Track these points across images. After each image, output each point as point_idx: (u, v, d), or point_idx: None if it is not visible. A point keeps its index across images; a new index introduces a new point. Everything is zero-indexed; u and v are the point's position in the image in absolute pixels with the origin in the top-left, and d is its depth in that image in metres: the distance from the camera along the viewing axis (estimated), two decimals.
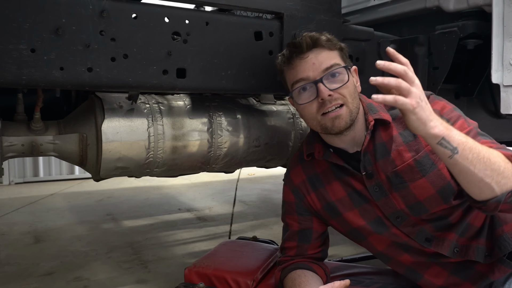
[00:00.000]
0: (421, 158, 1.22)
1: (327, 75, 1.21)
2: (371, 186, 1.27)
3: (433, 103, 1.24)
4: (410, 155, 1.23)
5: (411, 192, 1.24)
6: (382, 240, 1.31)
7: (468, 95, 1.99)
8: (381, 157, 1.26)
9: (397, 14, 2.08)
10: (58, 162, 5.73)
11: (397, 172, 1.24)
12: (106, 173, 1.47)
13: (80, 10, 1.18)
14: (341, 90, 1.21)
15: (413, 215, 1.25)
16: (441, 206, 1.23)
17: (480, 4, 1.72)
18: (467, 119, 1.23)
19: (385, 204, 1.27)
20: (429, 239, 1.26)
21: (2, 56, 1.10)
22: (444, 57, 1.70)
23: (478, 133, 1.20)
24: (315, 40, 1.23)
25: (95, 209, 3.99)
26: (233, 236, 3.07)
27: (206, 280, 1.52)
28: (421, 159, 1.22)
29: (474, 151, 1.01)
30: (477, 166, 1.01)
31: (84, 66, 1.20)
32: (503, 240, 1.23)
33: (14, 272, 2.44)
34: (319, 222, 1.41)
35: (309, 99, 1.23)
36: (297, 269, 1.36)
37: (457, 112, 1.24)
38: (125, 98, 1.46)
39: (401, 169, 1.23)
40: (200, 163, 1.62)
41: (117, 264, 2.56)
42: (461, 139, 1.01)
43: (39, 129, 1.41)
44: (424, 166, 1.22)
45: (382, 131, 1.28)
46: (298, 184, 1.41)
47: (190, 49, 1.34)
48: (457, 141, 1.00)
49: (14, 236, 3.15)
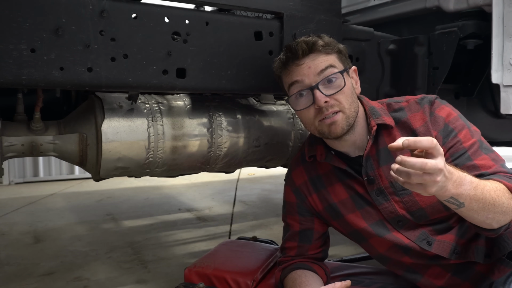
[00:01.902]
0: None
1: (323, 80, 1.20)
2: (372, 191, 1.27)
3: (439, 109, 1.24)
4: None
5: (413, 199, 1.24)
6: (383, 243, 1.31)
7: (468, 95, 1.99)
8: (385, 162, 1.25)
9: (397, 14, 2.09)
10: (58, 162, 5.73)
11: None
12: (106, 173, 1.47)
13: (80, 10, 1.18)
14: (337, 96, 1.20)
15: (414, 220, 1.26)
16: (442, 213, 1.24)
17: (480, 4, 1.72)
18: (471, 128, 1.24)
19: (386, 208, 1.27)
20: (430, 242, 1.26)
21: (2, 56, 1.10)
22: (444, 57, 1.70)
23: (480, 146, 1.20)
24: (311, 46, 1.22)
25: (95, 209, 3.99)
26: (233, 236, 3.07)
27: (206, 280, 1.52)
28: None
29: (480, 202, 1.02)
30: (481, 213, 1.04)
31: (84, 66, 1.20)
32: (502, 240, 1.23)
33: (14, 272, 2.44)
34: (320, 222, 1.41)
35: (306, 105, 1.23)
36: (298, 269, 1.36)
37: (462, 121, 1.24)
38: (125, 98, 1.46)
39: None
40: (200, 163, 1.61)
41: (117, 264, 2.56)
42: (469, 193, 1.00)
43: (39, 129, 1.41)
44: None
45: (386, 136, 1.27)
46: (300, 184, 1.40)
47: (190, 49, 1.34)
48: (465, 197, 1.00)
49: (14, 236, 3.15)
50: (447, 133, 1.22)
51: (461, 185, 0.98)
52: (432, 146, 0.91)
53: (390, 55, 1.82)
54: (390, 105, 1.31)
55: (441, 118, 1.23)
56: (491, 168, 1.16)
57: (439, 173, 0.90)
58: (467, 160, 1.18)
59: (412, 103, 1.28)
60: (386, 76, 1.83)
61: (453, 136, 1.21)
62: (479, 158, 1.18)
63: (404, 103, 1.30)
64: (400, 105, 1.30)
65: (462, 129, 1.21)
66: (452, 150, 1.20)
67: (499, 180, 1.10)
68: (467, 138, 1.20)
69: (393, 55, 1.82)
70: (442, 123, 1.23)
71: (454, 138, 1.21)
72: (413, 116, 1.26)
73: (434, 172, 0.90)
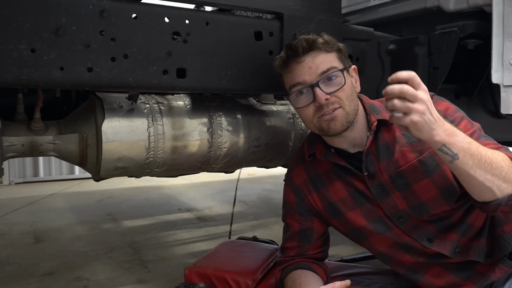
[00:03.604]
0: (425, 159, 1.22)
1: (324, 78, 1.21)
2: (373, 186, 1.27)
3: (437, 103, 1.25)
4: (414, 156, 1.23)
5: (414, 193, 1.24)
6: (384, 241, 1.31)
7: (468, 95, 1.99)
8: (385, 158, 1.26)
9: (397, 14, 2.08)
10: (58, 162, 5.73)
11: (401, 172, 1.24)
12: (106, 173, 1.47)
13: (80, 10, 1.18)
14: (338, 93, 1.21)
15: (415, 215, 1.25)
16: (443, 207, 1.23)
17: (480, 4, 1.72)
18: (469, 120, 1.25)
19: (387, 204, 1.27)
20: (430, 239, 1.26)
21: (2, 56, 1.10)
22: (444, 57, 1.70)
23: (481, 135, 1.21)
24: (311, 43, 1.23)
25: (95, 209, 3.99)
26: (233, 236, 3.07)
27: (206, 280, 1.52)
28: (425, 159, 1.22)
29: (475, 157, 1.02)
30: (477, 171, 1.02)
31: (84, 66, 1.20)
32: (504, 240, 1.23)
33: (14, 272, 2.44)
34: (320, 222, 1.41)
35: (306, 103, 1.24)
36: (298, 269, 1.35)
37: (461, 113, 1.25)
38: (125, 98, 1.46)
39: (405, 169, 1.24)
40: (200, 163, 1.62)
41: (117, 264, 2.56)
42: (463, 146, 1.01)
43: (39, 129, 1.41)
44: (428, 166, 1.22)
45: (385, 132, 1.28)
46: (299, 184, 1.41)
47: (190, 49, 1.34)
48: (458, 148, 1.00)
49: (14, 236, 3.15)
50: None
51: (453, 135, 1.01)
52: (410, 77, 0.96)
53: (390, 55, 1.82)
54: None
55: (440, 112, 1.23)
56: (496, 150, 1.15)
57: (420, 102, 0.95)
58: None
59: None
60: (386, 76, 1.83)
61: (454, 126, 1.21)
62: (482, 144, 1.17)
63: None
64: None
65: (461, 120, 1.22)
66: None
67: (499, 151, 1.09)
68: (467, 128, 1.20)
69: (393, 55, 1.82)
70: (441, 116, 1.23)
71: None
72: None
73: (415, 99, 0.95)
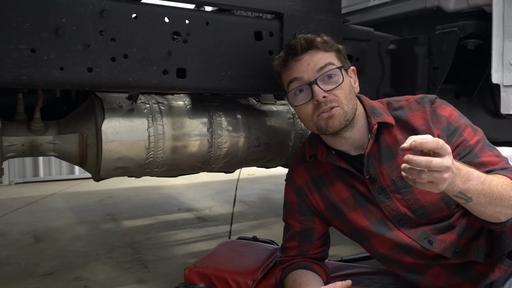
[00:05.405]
0: None
1: (322, 76, 1.22)
2: (374, 189, 1.27)
3: (440, 108, 1.26)
4: None
5: (415, 197, 1.24)
6: (385, 242, 1.31)
7: (468, 95, 2.00)
8: (387, 161, 1.26)
9: (397, 14, 2.09)
10: (58, 162, 5.73)
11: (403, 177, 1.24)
12: (106, 173, 1.47)
13: (80, 10, 1.18)
14: (336, 91, 1.22)
15: (416, 219, 1.26)
16: (444, 212, 1.24)
17: (480, 4, 1.72)
18: (473, 126, 1.26)
19: (388, 206, 1.27)
20: (431, 241, 1.26)
21: (2, 56, 1.10)
22: (444, 57, 1.70)
23: (484, 144, 1.23)
24: (309, 42, 1.24)
25: (95, 209, 3.99)
26: (233, 236, 3.07)
27: (206, 280, 1.52)
28: None
29: (487, 196, 1.04)
30: (488, 207, 1.06)
31: (84, 66, 1.20)
32: (503, 240, 1.23)
33: (14, 272, 2.44)
34: (321, 222, 1.41)
35: (305, 101, 1.24)
36: (298, 269, 1.35)
37: (464, 120, 1.26)
38: (125, 98, 1.46)
39: None
40: (200, 163, 1.61)
41: (117, 264, 2.56)
42: (477, 188, 1.02)
43: (39, 129, 1.41)
44: None
45: (387, 134, 1.28)
46: (301, 184, 1.41)
47: (190, 49, 1.34)
48: (473, 192, 1.02)
49: (14, 236, 3.15)
50: (451, 131, 1.23)
51: (469, 180, 1.01)
52: (438, 147, 0.92)
53: (390, 55, 1.82)
54: (390, 104, 1.32)
55: (444, 117, 1.24)
56: (498, 164, 1.19)
57: (446, 170, 0.93)
58: (475, 157, 1.20)
59: (412, 102, 1.29)
60: (386, 76, 1.83)
61: (458, 134, 1.23)
62: (485, 155, 1.21)
63: (404, 102, 1.31)
64: (400, 104, 1.31)
65: (465, 128, 1.24)
66: (459, 149, 1.22)
67: (506, 175, 1.12)
68: (471, 136, 1.22)
69: (393, 55, 1.82)
70: (445, 122, 1.24)
71: (459, 136, 1.22)
72: (413, 115, 1.27)
73: (441, 169, 0.92)
